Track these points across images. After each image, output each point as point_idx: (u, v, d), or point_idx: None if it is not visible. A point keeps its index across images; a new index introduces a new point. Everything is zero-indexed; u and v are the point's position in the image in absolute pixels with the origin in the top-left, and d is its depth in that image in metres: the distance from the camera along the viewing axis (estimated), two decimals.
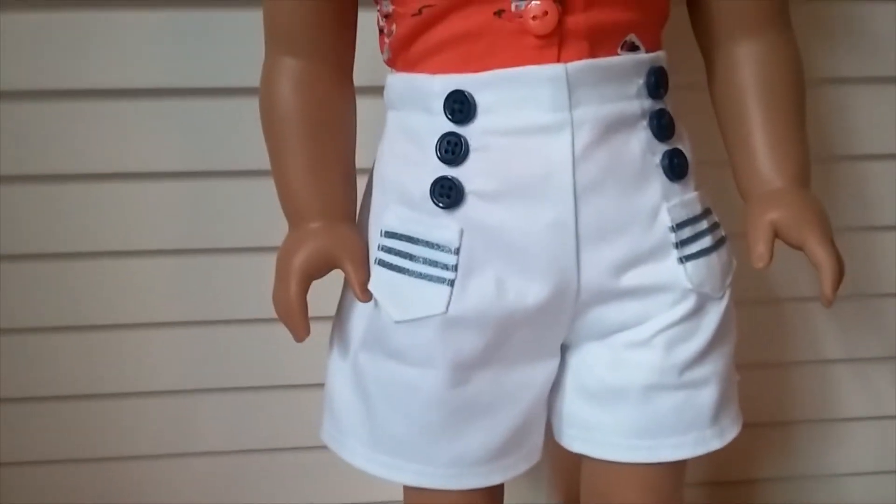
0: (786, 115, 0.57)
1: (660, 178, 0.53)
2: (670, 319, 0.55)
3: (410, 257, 0.54)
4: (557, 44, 0.50)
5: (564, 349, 0.58)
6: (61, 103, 0.77)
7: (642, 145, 0.53)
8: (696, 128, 0.59)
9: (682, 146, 0.55)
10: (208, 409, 0.88)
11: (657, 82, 0.53)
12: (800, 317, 0.89)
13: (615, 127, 0.51)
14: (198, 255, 0.82)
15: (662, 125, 0.53)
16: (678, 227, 0.54)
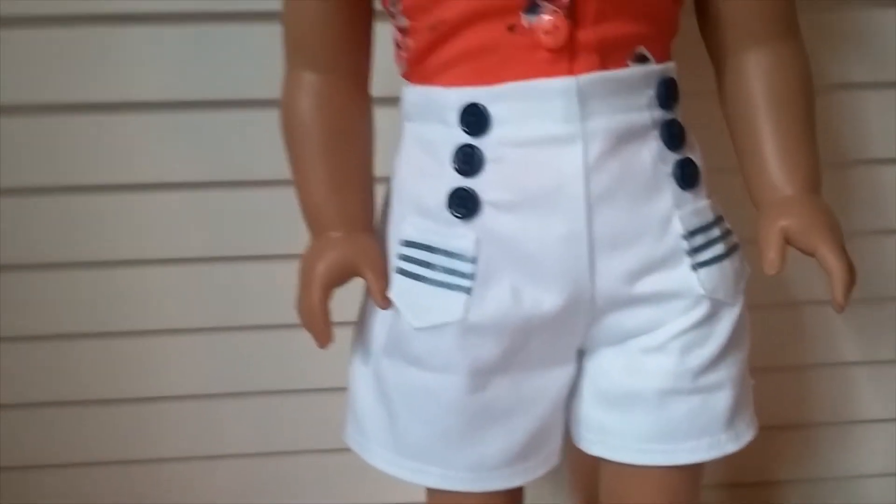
0: (795, 123, 0.57)
1: (671, 187, 0.54)
2: (684, 325, 0.55)
3: (429, 266, 0.54)
4: (568, 57, 0.50)
5: (581, 355, 0.59)
6: (73, 116, 0.78)
7: (653, 155, 0.53)
8: (707, 136, 0.59)
9: (693, 155, 0.55)
10: (232, 413, 0.89)
11: (667, 93, 0.53)
12: (817, 320, 0.89)
13: (626, 137, 0.52)
14: (219, 263, 0.84)
15: (673, 135, 0.54)
16: (690, 234, 0.54)
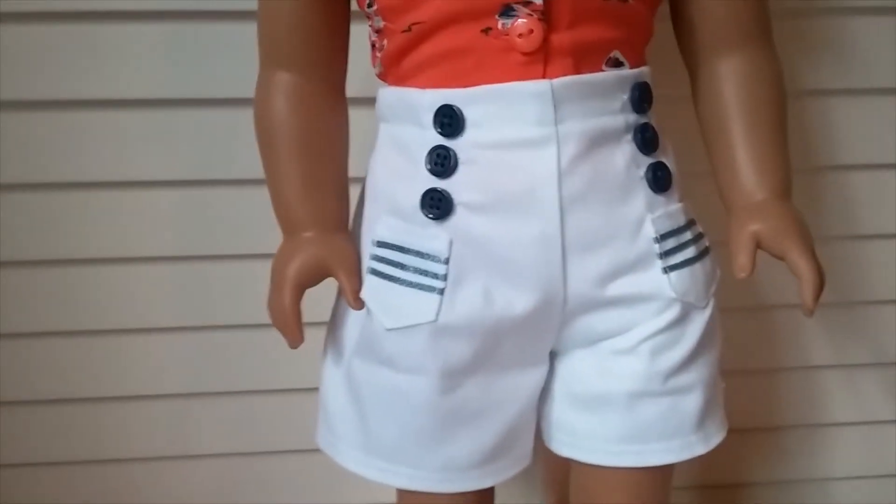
0: (768, 129, 0.57)
1: (644, 191, 0.54)
2: (655, 328, 0.55)
3: (401, 266, 0.54)
4: (543, 60, 0.50)
5: (553, 356, 0.59)
6: (63, 113, 0.78)
7: (627, 159, 0.53)
8: (681, 140, 0.59)
9: (666, 159, 0.56)
10: (205, 413, 0.88)
11: (641, 97, 0.54)
12: (787, 323, 0.90)
13: (600, 141, 0.52)
14: (195, 262, 0.83)
15: (646, 139, 0.54)
16: (662, 237, 0.54)
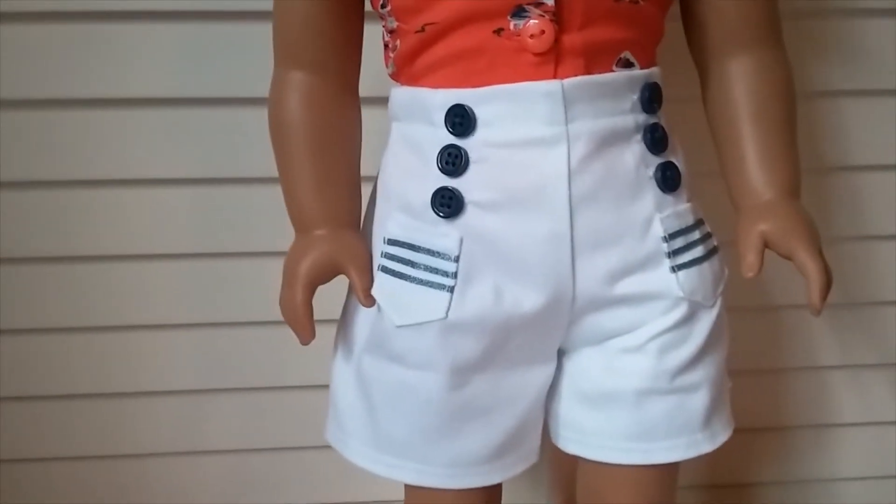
0: (777, 129, 0.57)
1: (653, 190, 0.54)
2: (663, 326, 0.56)
3: (412, 264, 0.55)
4: (554, 60, 0.51)
5: (561, 354, 0.59)
6: (75, 112, 0.79)
7: (636, 158, 0.54)
8: (690, 139, 0.59)
9: (676, 159, 0.56)
10: (215, 410, 0.89)
11: (651, 97, 0.54)
12: (795, 323, 0.90)
13: (610, 140, 0.52)
14: (205, 259, 0.84)
15: (656, 139, 0.54)
16: (671, 237, 0.55)
